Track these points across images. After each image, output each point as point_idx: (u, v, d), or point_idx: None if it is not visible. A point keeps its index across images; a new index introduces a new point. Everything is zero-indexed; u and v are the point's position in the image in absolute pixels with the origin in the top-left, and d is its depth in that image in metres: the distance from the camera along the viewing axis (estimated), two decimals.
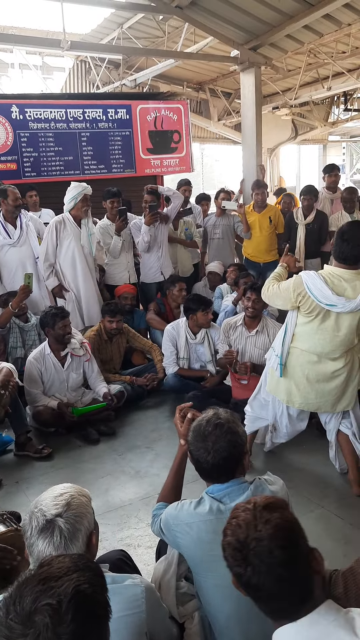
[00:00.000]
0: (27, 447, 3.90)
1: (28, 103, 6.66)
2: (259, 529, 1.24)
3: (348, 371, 3.16)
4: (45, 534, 1.41)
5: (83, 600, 1.01)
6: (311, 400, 3.25)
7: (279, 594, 1.21)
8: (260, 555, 1.21)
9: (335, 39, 8.48)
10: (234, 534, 1.28)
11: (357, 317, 2.98)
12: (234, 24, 7.62)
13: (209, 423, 1.82)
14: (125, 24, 9.32)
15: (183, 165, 7.96)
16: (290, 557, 1.21)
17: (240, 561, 1.24)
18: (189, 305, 4.63)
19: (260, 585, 1.21)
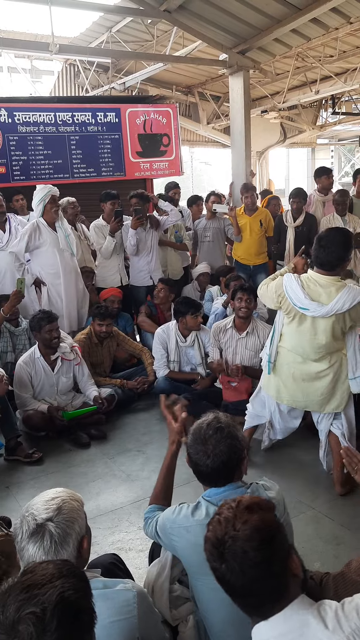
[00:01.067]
0: (18, 452, 3.88)
1: (17, 106, 6.63)
2: (237, 528, 1.26)
3: (334, 373, 3.17)
4: (36, 538, 1.40)
5: (67, 608, 1.00)
6: (298, 398, 3.29)
7: (250, 592, 1.24)
8: (235, 554, 1.23)
9: (323, 42, 8.56)
10: (213, 529, 1.30)
11: (331, 323, 3.00)
12: (222, 28, 7.66)
13: (209, 427, 1.82)
14: (114, 27, 9.34)
15: (172, 168, 7.97)
16: (263, 559, 1.23)
17: (216, 557, 1.27)
18: (178, 309, 4.64)
19: (233, 582, 1.24)
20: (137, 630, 1.46)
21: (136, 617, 1.47)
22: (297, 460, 3.75)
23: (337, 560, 2.62)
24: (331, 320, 2.98)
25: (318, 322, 3.02)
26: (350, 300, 2.90)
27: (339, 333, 3.05)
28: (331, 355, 3.15)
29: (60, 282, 5.05)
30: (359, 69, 9.72)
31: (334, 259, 2.92)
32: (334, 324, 3.00)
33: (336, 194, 6.06)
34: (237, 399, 4.28)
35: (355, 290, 2.93)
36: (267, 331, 4.37)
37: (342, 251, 2.92)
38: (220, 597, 1.71)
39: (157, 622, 1.71)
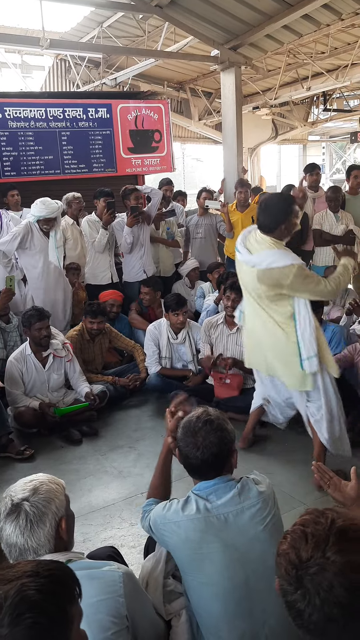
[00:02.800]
0: (9, 449, 3.86)
1: (7, 102, 6.59)
2: (328, 555, 1.05)
3: (276, 339, 3.16)
4: (12, 517, 1.44)
5: (23, 605, 0.96)
6: (257, 359, 3.38)
7: (323, 634, 1.04)
8: (319, 586, 1.03)
9: (315, 39, 8.57)
10: (295, 545, 1.10)
11: (255, 276, 3.01)
12: (214, 24, 7.65)
13: (198, 419, 1.84)
14: (105, 22, 9.29)
15: (164, 164, 7.95)
16: (350, 603, 1.02)
17: (292, 579, 1.07)
18: (165, 303, 4.66)
19: (306, 615, 1.05)
20: (124, 608, 1.47)
21: (123, 595, 1.48)
22: (289, 455, 3.77)
23: None
24: (254, 274, 3.02)
25: (244, 270, 3.12)
26: (267, 261, 2.96)
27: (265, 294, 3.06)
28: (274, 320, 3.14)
29: (42, 285, 5.06)
30: (350, 65, 9.73)
31: (270, 222, 3.01)
32: (256, 280, 3.02)
33: (328, 190, 6.07)
34: (229, 396, 4.29)
35: (278, 256, 2.95)
36: None
37: (279, 215, 2.99)
38: (211, 592, 1.72)
39: (147, 603, 1.72)
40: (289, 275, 2.92)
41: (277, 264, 2.94)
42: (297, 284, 2.95)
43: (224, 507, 1.77)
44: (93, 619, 1.37)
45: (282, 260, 2.94)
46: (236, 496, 1.79)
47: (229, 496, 1.79)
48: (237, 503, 1.78)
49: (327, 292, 3.06)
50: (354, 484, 1.85)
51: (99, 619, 1.43)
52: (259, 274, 3.00)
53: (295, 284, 2.94)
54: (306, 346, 3.05)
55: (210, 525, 1.75)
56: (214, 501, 1.79)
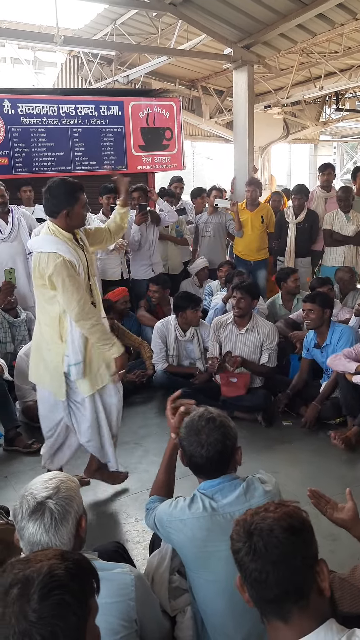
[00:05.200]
0: (17, 442, 3.90)
1: (20, 98, 6.61)
2: (269, 512, 1.25)
3: (37, 338, 3.05)
4: (36, 515, 1.44)
5: (52, 582, 1.01)
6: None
7: (269, 579, 1.16)
8: (261, 532, 1.20)
9: (328, 38, 8.52)
10: (245, 515, 1.28)
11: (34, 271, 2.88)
12: (227, 22, 7.63)
13: (201, 418, 1.85)
14: (118, 20, 9.29)
15: (174, 162, 7.95)
16: (289, 543, 1.19)
17: (242, 537, 1.23)
18: (178, 303, 4.65)
19: (253, 563, 1.18)
20: (134, 612, 1.48)
21: (134, 599, 1.49)
22: (294, 455, 3.78)
23: (333, 556, 2.64)
24: (33, 261, 2.90)
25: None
26: (38, 244, 2.87)
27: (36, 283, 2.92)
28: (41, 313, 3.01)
29: None
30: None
31: (52, 205, 2.84)
32: (34, 267, 2.88)
33: (339, 190, 6.05)
34: (236, 394, 4.30)
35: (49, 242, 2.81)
36: (268, 328, 4.40)
37: (61, 200, 2.82)
38: (217, 590, 1.73)
39: (155, 605, 1.74)
40: (50, 264, 2.75)
41: (43, 249, 2.80)
42: (56, 277, 2.75)
43: (229, 506, 1.78)
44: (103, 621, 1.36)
45: (49, 246, 2.79)
46: (242, 495, 1.80)
47: (234, 495, 1.80)
48: (243, 502, 1.78)
49: (81, 310, 2.80)
50: (350, 505, 1.85)
51: (109, 621, 1.44)
52: (34, 257, 2.88)
53: (55, 276, 2.75)
54: (75, 351, 2.90)
55: (216, 523, 1.76)
56: (219, 500, 1.79)
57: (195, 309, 4.58)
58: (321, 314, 4.13)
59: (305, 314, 4.21)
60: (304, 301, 4.26)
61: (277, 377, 4.53)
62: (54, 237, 2.84)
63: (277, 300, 5.46)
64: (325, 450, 3.83)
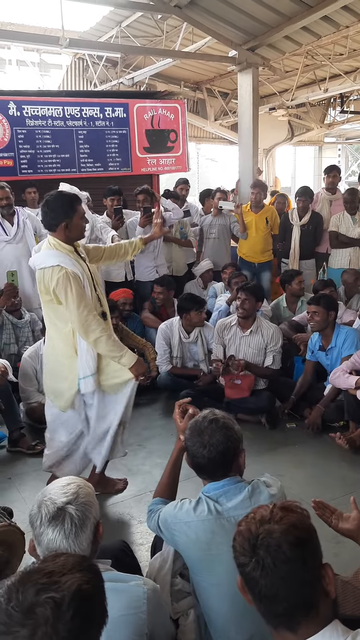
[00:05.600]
0: (20, 443, 3.90)
1: (25, 100, 6.64)
2: (272, 523, 1.21)
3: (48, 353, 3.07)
4: (56, 521, 1.42)
5: (84, 600, 1.00)
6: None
7: (277, 594, 1.14)
8: (268, 548, 1.16)
9: (333, 40, 8.52)
10: (247, 524, 1.24)
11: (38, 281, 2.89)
12: (232, 24, 7.64)
13: (204, 419, 1.86)
14: (123, 22, 9.31)
15: (179, 164, 7.96)
16: (297, 558, 1.16)
17: (247, 551, 1.19)
18: (182, 305, 4.65)
19: (262, 580, 1.15)
20: (145, 625, 1.47)
21: (145, 612, 1.47)
22: (299, 457, 3.77)
23: (337, 559, 2.63)
24: (37, 277, 2.90)
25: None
26: (40, 260, 2.87)
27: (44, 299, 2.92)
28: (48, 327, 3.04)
29: None
30: None
31: (50, 219, 2.86)
32: (39, 283, 2.89)
33: (345, 192, 6.04)
34: (239, 396, 4.30)
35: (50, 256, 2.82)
36: (272, 330, 4.40)
37: (59, 213, 2.83)
38: (220, 593, 1.73)
39: (166, 618, 1.73)
40: (53, 277, 2.76)
41: (46, 264, 2.81)
42: (60, 290, 2.77)
43: (234, 509, 1.78)
44: (114, 634, 1.35)
45: (51, 260, 2.80)
46: (247, 499, 1.79)
47: (239, 499, 1.79)
48: (248, 506, 1.78)
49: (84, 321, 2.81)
50: (355, 514, 1.84)
51: (121, 635, 1.42)
52: (38, 274, 2.88)
53: (58, 289, 2.77)
54: (83, 364, 2.91)
55: (221, 527, 1.75)
56: (224, 503, 1.79)
57: (199, 311, 4.58)
58: (326, 316, 4.12)
59: (310, 317, 4.20)
60: (309, 304, 4.26)
61: (281, 379, 4.53)
62: (56, 250, 2.86)
63: (281, 302, 5.46)
64: (329, 453, 3.82)
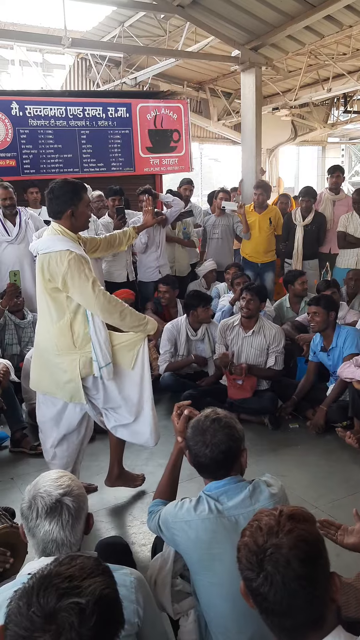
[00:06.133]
0: (23, 444, 3.90)
1: (28, 100, 6.65)
2: (281, 536, 1.14)
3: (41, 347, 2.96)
4: (54, 513, 1.44)
5: (108, 605, 1.00)
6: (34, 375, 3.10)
7: (287, 611, 1.10)
8: (277, 564, 1.11)
9: (336, 40, 8.51)
10: (252, 535, 1.18)
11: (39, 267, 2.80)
12: (235, 24, 7.63)
13: (207, 418, 1.85)
14: (126, 22, 9.32)
15: (182, 164, 7.97)
16: (307, 573, 1.11)
17: (254, 565, 1.14)
18: (189, 301, 4.66)
19: (270, 596, 1.10)
20: (135, 615, 1.47)
21: (134, 602, 1.47)
22: (301, 458, 3.76)
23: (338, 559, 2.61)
24: (37, 263, 2.84)
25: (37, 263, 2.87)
26: (46, 245, 2.78)
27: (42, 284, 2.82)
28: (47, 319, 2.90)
29: None
30: None
31: (55, 206, 2.82)
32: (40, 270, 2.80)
33: (354, 192, 6.00)
34: (242, 397, 4.29)
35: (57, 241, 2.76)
36: (274, 331, 4.39)
37: (65, 200, 2.79)
38: (221, 592, 1.72)
39: (156, 610, 1.72)
40: (63, 261, 2.69)
41: (53, 248, 2.74)
42: (72, 274, 2.69)
43: (235, 508, 1.77)
44: None
45: (59, 244, 2.74)
46: (247, 498, 1.79)
47: (240, 498, 1.79)
48: (249, 505, 1.78)
49: (104, 300, 2.77)
50: (358, 527, 1.82)
51: None
52: (40, 258, 2.79)
53: (70, 273, 2.69)
54: (103, 353, 2.85)
55: (222, 526, 1.75)
56: (225, 502, 1.79)
57: (206, 307, 4.60)
58: (326, 316, 4.11)
59: (310, 317, 4.19)
60: (309, 304, 4.25)
61: (284, 379, 4.52)
62: (62, 236, 2.80)
63: (285, 302, 5.45)
64: (332, 453, 3.81)
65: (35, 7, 13.10)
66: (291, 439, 4.06)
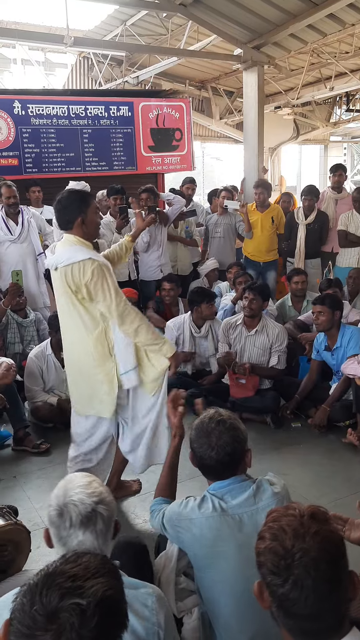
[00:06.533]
0: (26, 442, 3.91)
1: (30, 99, 6.65)
2: (307, 539, 1.13)
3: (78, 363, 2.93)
4: (89, 523, 1.40)
5: (110, 607, 0.99)
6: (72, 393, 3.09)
7: (317, 614, 1.10)
8: (307, 567, 1.09)
9: (339, 39, 8.49)
10: (276, 538, 1.15)
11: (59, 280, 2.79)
12: (237, 23, 7.62)
13: (211, 420, 1.85)
14: (128, 21, 9.31)
15: (184, 163, 7.96)
16: (335, 575, 1.11)
17: (282, 570, 1.12)
18: (193, 298, 4.66)
19: (301, 600, 1.09)
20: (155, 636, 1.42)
21: (156, 624, 1.42)
22: (304, 457, 3.76)
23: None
24: (58, 277, 2.79)
25: (54, 278, 2.85)
26: (66, 256, 2.75)
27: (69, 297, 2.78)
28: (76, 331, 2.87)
29: None
30: None
31: (65, 216, 2.81)
32: (63, 283, 2.77)
33: (355, 191, 5.99)
34: (244, 396, 4.29)
35: (77, 251, 2.74)
36: (277, 330, 4.39)
37: (73, 210, 2.79)
38: (225, 590, 1.73)
39: (174, 628, 1.68)
40: (86, 270, 2.69)
41: (75, 259, 2.72)
42: (96, 282, 2.69)
43: (239, 507, 1.78)
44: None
45: (81, 254, 2.73)
46: (251, 497, 1.80)
47: (244, 497, 1.80)
48: (252, 504, 1.78)
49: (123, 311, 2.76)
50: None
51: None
52: (61, 272, 2.75)
53: (94, 282, 2.69)
54: (124, 359, 2.84)
55: (226, 524, 1.76)
56: (229, 501, 1.79)
57: (209, 303, 4.60)
58: (331, 316, 4.11)
59: (315, 317, 4.19)
60: (314, 304, 4.24)
61: (286, 378, 4.51)
62: (79, 245, 2.79)
63: (287, 301, 5.45)
64: (335, 452, 3.81)
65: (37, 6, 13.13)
66: (293, 438, 4.06)
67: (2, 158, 6.49)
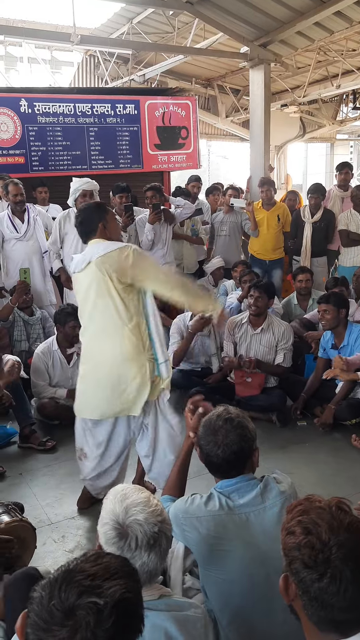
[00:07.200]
0: (31, 440, 3.92)
1: (37, 97, 6.65)
2: (341, 531, 1.14)
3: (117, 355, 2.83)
4: (155, 544, 1.38)
5: (126, 608, 0.99)
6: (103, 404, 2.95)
7: (353, 605, 1.10)
8: (345, 559, 1.10)
9: (346, 36, 8.45)
10: (310, 532, 1.16)
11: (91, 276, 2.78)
12: (244, 20, 7.61)
13: (219, 418, 1.85)
14: (135, 19, 9.31)
15: (190, 161, 7.95)
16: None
17: (320, 564, 1.12)
18: None
19: (340, 592, 1.10)
20: None
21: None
22: (310, 455, 3.75)
23: None
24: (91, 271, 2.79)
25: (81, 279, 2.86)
26: (101, 248, 2.77)
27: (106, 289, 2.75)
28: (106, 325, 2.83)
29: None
30: None
31: (87, 227, 2.89)
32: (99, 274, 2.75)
33: (354, 189, 5.99)
34: (250, 394, 4.29)
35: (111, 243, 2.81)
36: (283, 328, 4.38)
37: (93, 219, 2.86)
38: (231, 588, 1.73)
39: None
40: (129, 254, 2.73)
41: (113, 247, 2.77)
42: (138, 262, 2.74)
43: (245, 506, 1.78)
44: None
45: (113, 245, 2.79)
46: (258, 496, 1.79)
47: (251, 495, 1.79)
48: (259, 503, 1.78)
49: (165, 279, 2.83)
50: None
51: None
52: (98, 263, 2.74)
53: (137, 262, 2.73)
54: (162, 349, 2.86)
55: (232, 523, 1.75)
56: (236, 500, 1.79)
57: None
58: (336, 314, 4.10)
59: (321, 315, 4.18)
60: (319, 302, 4.23)
61: (292, 377, 4.51)
62: (109, 241, 2.85)
63: (292, 299, 5.44)
64: (341, 451, 3.81)
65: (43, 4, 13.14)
66: (299, 436, 4.05)
67: (8, 156, 6.51)
